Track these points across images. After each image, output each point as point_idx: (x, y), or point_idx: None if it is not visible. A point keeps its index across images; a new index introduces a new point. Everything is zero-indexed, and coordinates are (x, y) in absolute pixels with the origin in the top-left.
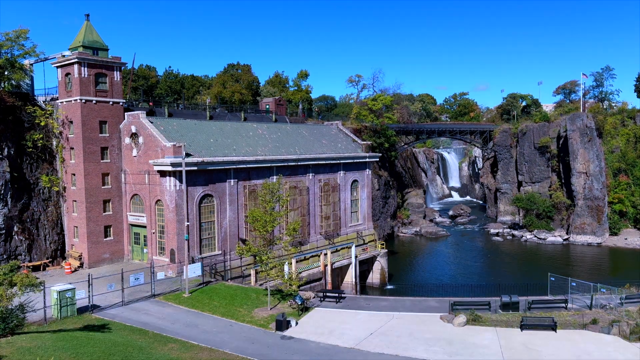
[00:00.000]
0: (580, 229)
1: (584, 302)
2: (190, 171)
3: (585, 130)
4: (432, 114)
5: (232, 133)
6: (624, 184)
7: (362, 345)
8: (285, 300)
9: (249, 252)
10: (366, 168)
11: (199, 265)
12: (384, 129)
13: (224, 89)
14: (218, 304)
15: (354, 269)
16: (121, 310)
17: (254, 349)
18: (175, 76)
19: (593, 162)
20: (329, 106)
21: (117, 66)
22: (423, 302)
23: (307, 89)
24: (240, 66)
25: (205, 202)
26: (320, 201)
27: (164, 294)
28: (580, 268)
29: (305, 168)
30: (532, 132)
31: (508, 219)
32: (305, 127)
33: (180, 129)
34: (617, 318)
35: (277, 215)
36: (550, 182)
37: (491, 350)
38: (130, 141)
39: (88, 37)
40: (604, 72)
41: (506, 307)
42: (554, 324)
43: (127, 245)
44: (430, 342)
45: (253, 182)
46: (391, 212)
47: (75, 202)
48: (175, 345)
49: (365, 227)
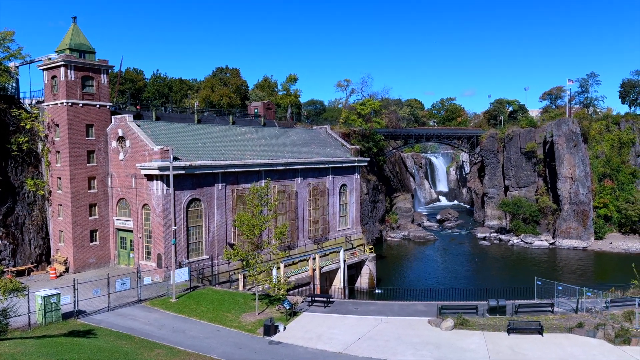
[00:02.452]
0: (566, 233)
1: (569, 305)
2: (177, 175)
3: (571, 136)
4: (420, 119)
5: (221, 137)
6: (608, 188)
7: (350, 350)
8: (273, 305)
9: (237, 257)
10: (355, 172)
11: (186, 270)
12: (372, 133)
13: (213, 93)
14: (205, 309)
15: (343, 274)
16: (107, 316)
17: (241, 354)
18: (163, 79)
19: (578, 167)
20: (318, 110)
21: (104, 69)
22: (411, 306)
23: (296, 93)
24: (229, 70)
25: (193, 206)
26: (308, 205)
27: (150, 299)
28: (566, 272)
29: (294, 172)
30: (519, 137)
31: (495, 223)
32: (294, 131)
33: (168, 133)
34: (603, 322)
35: (265, 219)
36: (536, 187)
37: (479, 354)
38: (117, 145)
39: (75, 39)
40: (589, 79)
41: (493, 311)
42: (540, 328)
43: (114, 250)
44: (418, 346)
45: (241, 186)
46: (379, 216)
47: (60, 206)
48: (161, 351)
49: (353, 232)
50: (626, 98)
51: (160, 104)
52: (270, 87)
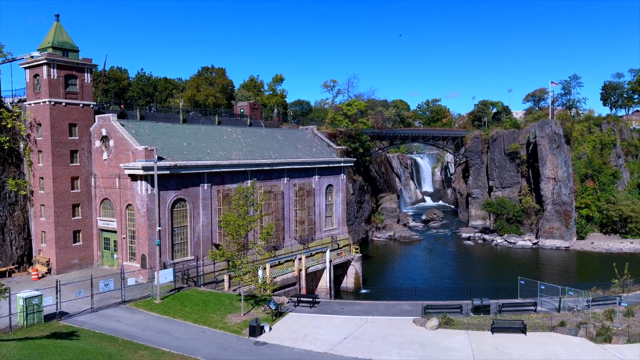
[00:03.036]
0: (549, 233)
1: (552, 304)
2: (162, 175)
3: (554, 137)
4: (406, 120)
5: (206, 137)
6: (590, 189)
7: (336, 350)
8: (259, 306)
9: (223, 257)
10: (341, 173)
11: (170, 270)
12: (358, 134)
13: (198, 92)
14: (190, 310)
15: (329, 274)
16: (90, 317)
17: (226, 355)
18: (147, 79)
19: (561, 168)
20: (304, 111)
21: (88, 68)
22: (396, 305)
23: (282, 93)
24: (215, 69)
25: (178, 206)
26: (295, 206)
27: (134, 300)
28: (549, 271)
29: (280, 172)
30: (503, 138)
31: (479, 223)
32: (280, 131)
33: (153, 133)
34: (584, 320)
35: (250, 219)
36: (520, 188)
37: (463, 354)
38: (100, 144)
39: (58, 37)
40: (572, 81)
41: (477, 310)
42: (523, 327)
43: (97, 251)
44: (403, 345)
45: (227, 187)
46: (365, 216)
47: (43, 206)
48: (146, 353)
49: (339, 232)
50: (607, 100)
51: (145, 104)
52: (256, 87)
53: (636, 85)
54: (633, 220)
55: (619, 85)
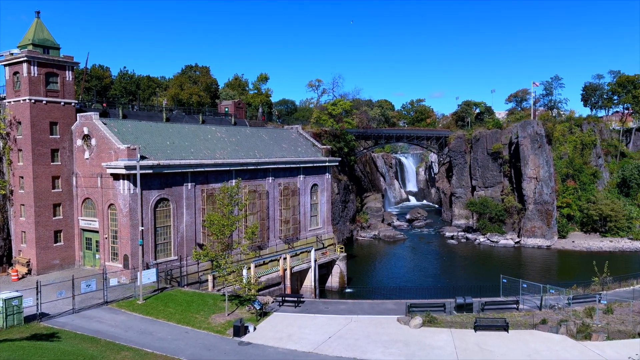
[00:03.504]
0: (531, 232)
1: (534, 302)
2: (145, 174)
3: (536, 137)
4: (391, 120)
5: (190, 136)
6: (571, 188)
7: (320, 349)
8: (243, 306)
9: (207, 257)
10: (326, 172)
11: (153, 271)
12: (343, 133)
13: (182, 91)
14: (174, 311)
15: (314, 273)
16: (72, 318)
17: (210, 355)
18: (130, 77)
19: (543, 168)
20: (289, 110)
21: (69, 65)
22: (381, 304)
23: (267, 92)
24: (199, 68)
25: (161, 206)
26: (279, 205)
27: (117, 300)
28: (531, 270)
29: (265, 172)
30: (485, 138)
31: (462, 222)
32: (265, 130)
33: (135, 131)
34: (565, 318)
35: (235, 219)
36: (502, 187)
37: (446, 352)
38: (82, 143)
39: (38, 34)
40: (553, 82)
41: (460, 309)
42: (506, 325)
43: (79, 251)
44: (387, 344)
45: (211, 186)
46: (350, 216)
47: (23, 206)
48: (128, 354)
49: (324, 231)
50: (588, 101)
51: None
52: (241, 86)
53: (616, 86)
54: (612, 219)
55: (599, 87)
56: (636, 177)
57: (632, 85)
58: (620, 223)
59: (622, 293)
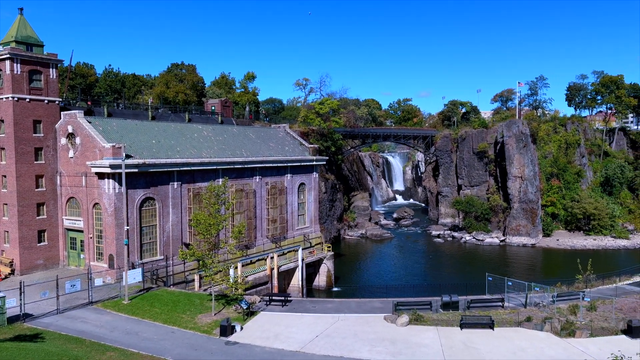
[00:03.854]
0: (516, 231)
1: (519, 300)
2: (130, 173)
3: (521, 137)
4: (378, 119)
5: (176, 134)
6: (555, 187)
7: (307, 348)
8: (230, 305)
9: (193, 257)
10: (313, 171)
11: (139, 270)
12: (331, 132)
13: (168, 89)
14: (160, 311)
15: (301, 272)
16: (56, 319)
17: (196, 355)
18: (115, 75)
19: (528, 167)
20: (277, 109)
21: (53, 63)
22: (368, 303)
23: (254, 91)
24: (185, 66)
25: (147, 205)
26: (267, 204)
27: (102, 301)
28: (516, 268)
29: (252, 171)
30: (471, 137)
31: (449, 221)
32: (252, 129)
33: (120, 130)
34: (549, 315)
35: (222, 218)
36: (488, 186)
37: (432, 349)
38: (66, 142)
39: (22, 31)
40: (538, 82)
41: (447, 307)
42: (491, 322)
43: (63, 251)
44: (374, 342)
45: (198, 185)
46: (338, 215)
47: (6, 205)
48: (114, 354)
49: (312, 230)
50: (572, 101)
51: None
52: (227, 85)
53: (599, 86)
54: (596, 217)
55: (583, 87)
56: (619, 176)
57: (615, 85)
58: (603, 221)
59: (605, 290)
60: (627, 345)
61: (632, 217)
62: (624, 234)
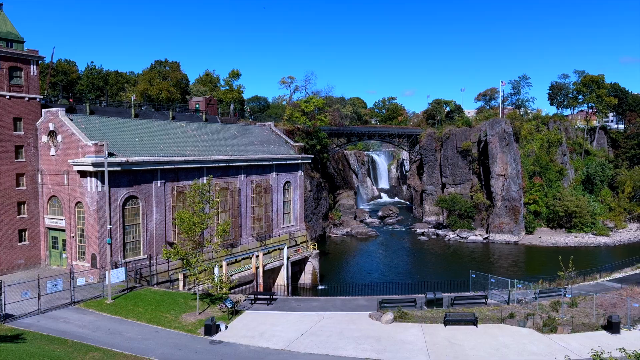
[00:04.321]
0: (499, 228)
1: (502, 297)
2: (113, 171)
3: (504, 135)
4: (363, 117)
5: (159, 132)
6: (538, 185)
7: (292, 347)
8: (215, 304)
9: (177, 256)
10: (298, 169)
11: (122, 270)
12: (316, 131)
13: (151, 87)
14: (143, 310)
15: (286, 271)
16: (37, 319)
17: (181, 354)
18: (98, 72)
19: (510, 165)
20: (262, 107)
21: (34, 60)
22: (353, 301)
23: (239, 88)
24: (169, 63)
25: (130, 204)
26: (252, 203)
27: (84, 300)
28: (499, 265)
29: (237, 169)
30: (455, 136)
31: (433, 219)
32: (237, 127)
33: (103, 127)
34: (532, 312)
35: (206, 217)
36: (471, 184)
37: (417, 346)
38: (47, 140)
39: (1, 27)
40: (521, 81)
41: (431, 304)
42: (474, 319)
43: (44, 250)
44: (359, 340)
45: (182, 183)
46: (323, 213)
47: None
48: (97, 354)
49: (297, 229)
50: (554, 100)
51: (95, 98)
52: (212, 82)
53: (580, 86)
54: (577, 215)
55: (564, 86)
56: (600, 175)
57: (595, 85)
58: (584, 219)
59: (586, 287)
60: (607, 340)
61: (613, 214)
62: (605, 232)
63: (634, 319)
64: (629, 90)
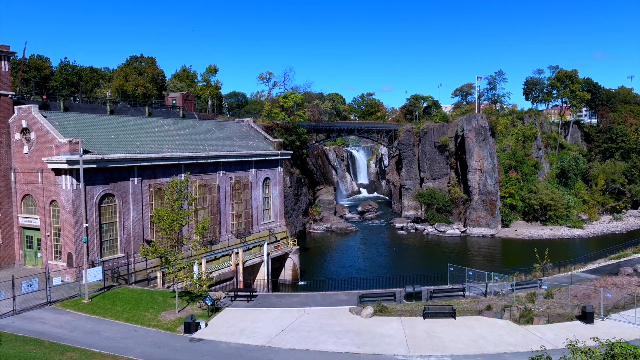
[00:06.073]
0: (476, 222)
1: (479, 289)
2: (88, 169)
3: (480, 130)
4: (342, 113)
5: (136, 129)
6: (513, 179)
7: (273, 343)
8: (194, 302)
9: (155, 254)
10: (278, 165)
11: (99, 269)
12: (295, 126)
13: (127, 83)
14: (121, 309)
15: (266, 267)
16: (12, 320)
17: (160, 353)
18: (72, 68)
19: (487, 160)
20: (240, 103)
21: (5, 55)
22: (333, 296)
23: (216, 84)
24: (144, 59)
25: (106, 202)
26: (231, 199)
27: (61, 300)
28: (476, 258)
29: (216, 165)
30: (433, 131)
31: (412, 213)
32: (215, 123)
33: (78, 124)
34: (509, 303)
35: (185, 214)
36: (449, 179)
37: (396, 339)
38: (20, 137)
39: None
40: (497, 76)
41: (410, 297)
42: (453, 312)
43: (19, 250)
44: (339, 334)
45: (159, 181)
46: (303, 209)
47: None
48: (74, 354)
49: (277, 225)
50: (529, 95)
51: (69, 94)
52: (189, 78)
53: (555, 81)
54: (552, 208)
55: (539, 81)
56: (574, 168)
57: (569, 80)
58: (559, 212)
59: (561, 278)
60: (582, 330)
61: (586, 207)
62: (579, 224)
63: (607, 309)
64: (601, 85)
